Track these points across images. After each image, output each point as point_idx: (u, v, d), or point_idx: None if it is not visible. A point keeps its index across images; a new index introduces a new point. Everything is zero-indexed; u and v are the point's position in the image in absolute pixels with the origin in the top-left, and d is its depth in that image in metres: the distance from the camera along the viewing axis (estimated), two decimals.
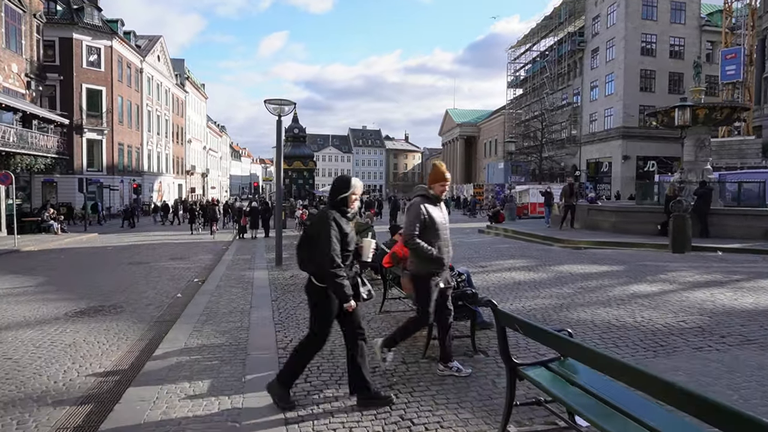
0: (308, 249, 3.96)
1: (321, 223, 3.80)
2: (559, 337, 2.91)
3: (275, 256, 12.02)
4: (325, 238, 3.71)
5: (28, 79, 25.56)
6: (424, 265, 4.39)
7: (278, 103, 11.36)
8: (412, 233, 4.32)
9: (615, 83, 45.33)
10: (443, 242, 4.42)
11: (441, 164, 4.52)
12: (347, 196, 3.92)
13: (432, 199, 4.47)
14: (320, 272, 3.78)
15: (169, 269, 12.37)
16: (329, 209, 3.90)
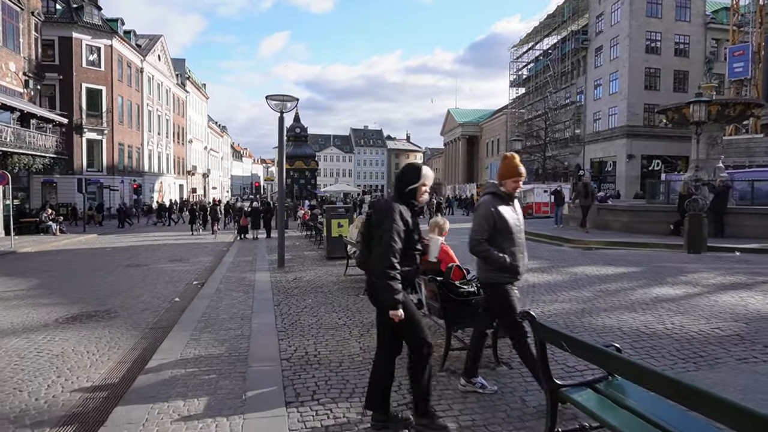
0: (370, 245, 3.46)
1: (384, 214, 3.29)
2: (608, 354, 2.49)
3: (277, 257, 11.61)
4: (385, 232, 3.22)
5: (26, 78, 25.16)
6: (495, 274, 3.82)
7: (280, 99, 10.95)
8: (480, 238, 3.76)
9: (619, 82, 44.86)
10: (518, 248, 3.86)
11: (514, 156, 3.93)
12: (416, 188, 3.40)
13: (504, 198, 3.89)
14: None
15: (168, 271, 11.95)
16: (395, 200, 3.38)
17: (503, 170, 3.91)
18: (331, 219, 12.50)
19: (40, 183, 37.65)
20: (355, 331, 5.85)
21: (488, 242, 3.75)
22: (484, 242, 3.75)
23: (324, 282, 9.20)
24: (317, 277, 9.84)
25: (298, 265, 11.77)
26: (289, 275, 10.14)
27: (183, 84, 61.61)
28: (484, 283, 3.98)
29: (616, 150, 45.39)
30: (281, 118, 11.08)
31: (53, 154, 24.76)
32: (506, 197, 3.90)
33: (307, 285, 8.93)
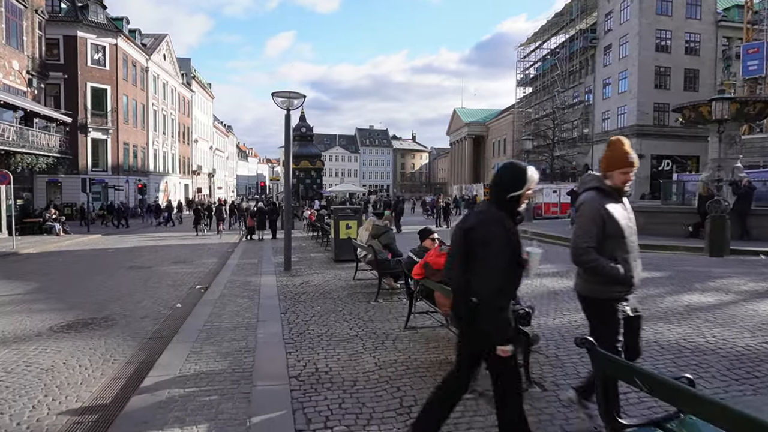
0: (468, 263, 2.80)
1: (490, 231, 2.70)
2: (682, 390, 2.05)
3: (284, 259, 11.18)
4: (493, 254, 2.66)
5: (30, 77, 24.88)
6: (604, 287, 3.09)
7: (287, 96, 10.53)
8: (587, 246, 3.00)
9: (629, 80, 44.27)
10: (631, 254, 3.14)
11: (622, 142, 3.16)
12: (521, 195, 2.81)
13: (611, 194, 3.12)
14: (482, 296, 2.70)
15: (171, 274, 11.56)
16: (497, 209, 2.79)
17: (609, 159, 3.18)
18: (339, 220, 12.08)
19: (45, 183, 37.47)
20: (368, 343, 5.42)
21: (597, 250, 3.03)
22: (592, 250, 3.01)
23: (333, 287, 8.77)
24: (325, 281, 9.41)
25: (305, 268, 11.35)
26: (296, 279, 9.72)
27: (188, 83, 61.40)
28: (586, 297, 3.24)
29: None
30: (288, 115, 10.66)
31: (57, 154, 24.46)
32: (614, 193, 3.15)
33: (315, 290, 8.50)
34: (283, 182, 47.80)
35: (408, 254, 5.59)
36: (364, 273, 9.38)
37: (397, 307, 6.98)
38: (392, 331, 5.80)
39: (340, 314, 6.75)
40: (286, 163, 10.60)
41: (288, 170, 10.59)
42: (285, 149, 10.55)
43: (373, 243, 7.50)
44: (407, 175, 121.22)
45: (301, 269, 11.10)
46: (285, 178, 10.57)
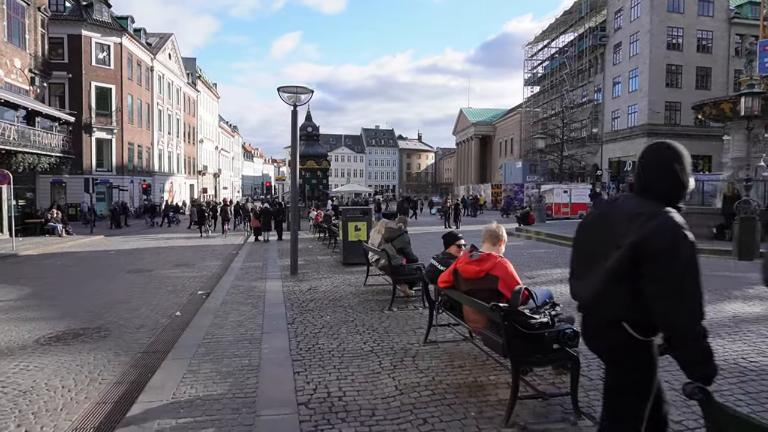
0: (629, 283, 2.18)
1: (674, 243, 2.08)
2: None
3: (290, 263, 10.62)
4: (688, 274, 2.06)
5: (32, 75, 24.47)
6: None
7: (293, 91, 9.97)
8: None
9: (639, 79, 43.56)
10: None
11: None
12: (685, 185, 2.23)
13: None
14: (663, 322, 2.13)
15: (172, 278, 11.03)
16: (669, 210, 2.16)
17: None
18: (348, 222, 11.50)
19: (49, 183, 37.15)
20: (385, 360, 4.84)
21: None
22: None
23: (342, 293, 8.20)
24: (334, 287, 8.85)
25: (312, 272, 10.79)
26: (303, 284, 9.17)
27: (194, 83, 61.07)
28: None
29: (636, 149, 43.99)
30: (294, 111, 10.11)
31: (60, 154, 24.03)
32: None
33: (323, 297, 7.94)
34: (289, 182, 47.15)
35: (431, 261, 4.99)
36: (376, 278, 8.82)
37: (414, 318, 6.42)
38: (411, 346, 5.23)
39: (352, 325, 6.18)
40: (292, 161, 10.05)
41: (294, 168, 10.03)
42: (292, 147, 10.01)
43: (387, 247, 6.92)
44: (413, 176, 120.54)
45: (308, 273, 10.55)
46: (292, 176, 10.02)
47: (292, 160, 9.91)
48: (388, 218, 8.98)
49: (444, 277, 4.16)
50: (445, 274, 4.15)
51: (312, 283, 9.35)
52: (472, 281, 3.74)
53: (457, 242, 4.71)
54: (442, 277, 4.19)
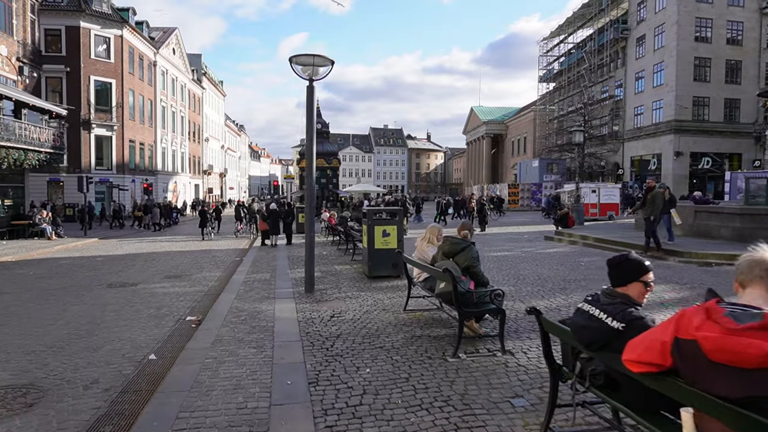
0: None
1: None
2: None
3: (305, 276, 8.53)
4: None
5: (21, 65, 22.56)
6: None
7: (309, 62, 7.90)
8: None
9: (665, 73, 41.27)
10: None
11: None
12: None
13: None
14: None
15: (158, 296, 8.99)
16: None
17: None
18: (374, 226, 9.40)
19: (46, 181, 35.38)
20: None
21: None
22: None
23: (378, 324, 6.12)
24: (364, 313, 6.76)
25: (331, 287, 8.72)
26: (322, 307, 7.09)
27: (199, 80, 59.23)
28: None
29: (661, 147, 41.82)
30: (311, 87, 8.04)
31: (50, 149, 22.09)
32: None
33: (353, 329, 5.86)
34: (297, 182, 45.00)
35: (582, 306, 2.67)
36: (419, 301, 6.76)
37: (496, 372, 4.32)
38: None
39: (407, 387, 4.08)
40: (307, 149, 7.98)
41: (310, 157, 7.95)
42: (307, 132, 7.93)
43: (448, 265, 4.83)
44: (422, 176, 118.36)
45: (328, 290, 8.47)
46: (307, 169, 7.93)
47: (307, 148, 7.84)
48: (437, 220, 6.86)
49: (645, 354, 2.00)
50: (649, 350, 1.98)
51: (334, 305, 7.27)
52: (752, 376, 1.65)
53: (645, 277, 2.46)
54: (639, 354, 2.02)
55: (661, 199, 12.23)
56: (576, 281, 8.98)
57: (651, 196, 12.23)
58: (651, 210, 12.06)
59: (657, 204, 12.02)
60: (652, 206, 12.02)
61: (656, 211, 12.02)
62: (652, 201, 12.11)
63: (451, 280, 4.56)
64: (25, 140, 20.31)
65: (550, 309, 6.62)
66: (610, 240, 14.01)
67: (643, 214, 12.62)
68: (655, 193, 12.21)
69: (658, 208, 12.07)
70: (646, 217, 12.24)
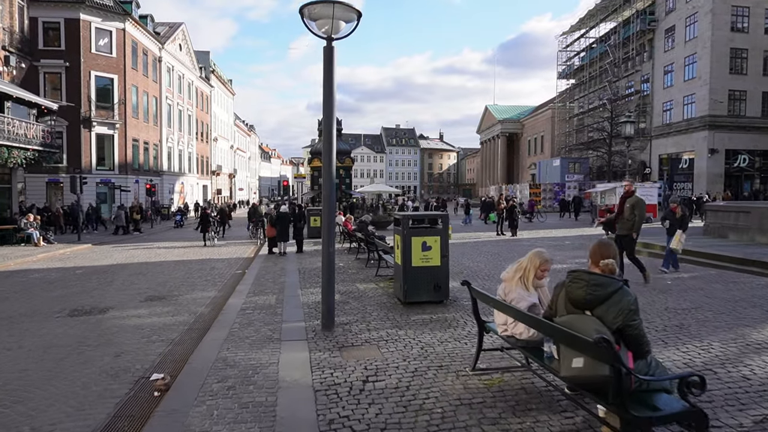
0: None
1: None
2: None
3: (322, 307, 6.28)
4: None
5: (7, 54, 20.62)
6: None
7: (328, 14, 5.69)
8: None
9: (698, 65, 38.71)
10: None
11: None
12: None
13: None
14: None
15: (126, 331, 6.81)
16: None
17: None
18: (411, 237, 7.18)
19: (44, 182, 33.59)
20: None
21: None
22: None
23: (438, 397, 3.90)
24: (412, 371, 4.52)
25: (356, 320, 6.52)
26: (348, 361, 4.88)
27: (207, 78, 57.34)
28: None
29: (694, 144, 39.24)
30: (329, 48, 5.84)
31: (38, 147, 20.12)
32: None
33: (402, 412, 3.67)
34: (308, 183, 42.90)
35: None
36: (495, 358, 4.54)
37: None
38: None
39: None
40: (324, 131, 5.77)
41: (329, 143, 5.73)
42: (324, 108, 5.71)
43: (592, 324, 2.60)
44: (435, 176, 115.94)
45: (351, 325, 6.27)
46: (325, 157, 5.69)
47: (324, 130, 5.63)
48: None
49: None
50: None
51: (365, 354, 5.06)
52: None
53: None
54: None
55: (643, 208, 8.93)
56: (694, 313, 6.68)
57: (630, 204, 8.92)
58: (631, 224, 8.80)
59: (639, 215, 8.77)
60: (633, 218, 8.78)
61: (638, 225, 8.80)
62: (632, 211, 8.83)
63: (612, 358, 2.34)
64: (9, 136, 18.35)
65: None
66: (708, 253, 11.51)
67: (618, 230, 9.14)
68: (637, 201, 8.92)
69: (641, 220, 8.83)
70: (623, 235, 8.90)
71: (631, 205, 8.87)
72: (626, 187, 9.50)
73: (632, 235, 8.82)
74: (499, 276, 4.09)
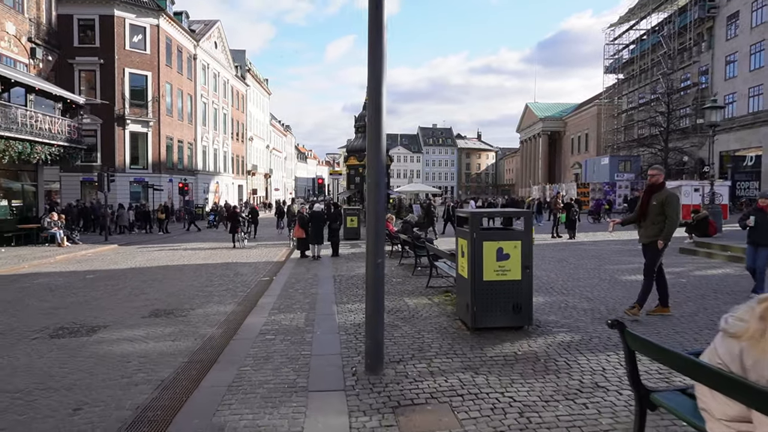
0: None
1: None
2: None
3: (367, 336, 4.55)
4: None
5: (33, 46, 19.75)
6: None
7: None
8: None
9: (765, 54, 35.45)
10: None
11: None
12: None
13: None
14: None
15: (106, 364, 5.19)
16: None
17: None
18: (483, 241, 5.39)
19: (79, 181, 33.18)
20: None
21: None
22: None
23: None
24: None
25: (412, 355, 4.78)
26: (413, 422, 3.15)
27: (243, 77, 56.66)
28: None
29: (760, 139, 35.96)
30: None
31: (64, 142, 19.16)
32: None
33: None
34: (344, 182, 41.62)
35: None
36: None
37: None
38: None
39: None
40: (370, 90, 4.02)
41: (378, 114, 4.01)
42: (370, 48, 3.99)
43: None
44: (472, 176, 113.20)
45: (406, 364, 4.53)
46: (369, 133, 3.95)
47: (370, 92, 3.85)
48: None
49: None
50: None
51: (433, 422, 3.31)
52: None
53: None
54: None
55: (677, 207, 6.29)
56: None
57: (659, 200, 6.30)
58: (658, 228, 6.29)
59: (672, 216, 6.22)
60: (662, 221, 6.28)
61: (669, 231, 6.22)
62: (660, 210, 6.27)
63: None
64: (31, 131, 17.38)
65: None
66: None
67: (640, 236, 6.66)
68: (668, 197, 6.29)
69: (674, 224, 6.23)
70: (646, 243, 6.50)
71: (659, 203, 6.24)
72: (652, 177, 6.57)
73: (658, 244, 6.25)
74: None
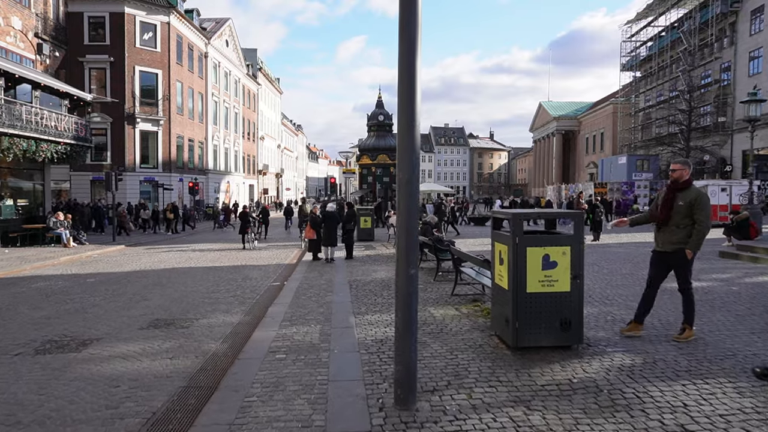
0: None
1: None
2: None
3: (396, 362, 3.84)
4: None
5: (39, 42, 19.27)
6: None
7: None
8: None
9: None
10: None
11: None
12: None
13: None
14: None
15: (88, 390, 4.51)
16: None
17: None
18: (526, 247, 4.65)
19: (89, 180, 32.82)
20: None
21: None
22: None
23: None
24: None
25: (447, 383, 4.05)
26: None
27: (254, 75, 56.20)
28: None
29: None
30: None
31: (70, 140, 18.66)
32: None
33: None
34: (356, 182, 40.82)
35: None
36: None
37: None
38: None
39: None
40: (402, 66, 3.29)
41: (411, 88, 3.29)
42: (401, 41, 3.27)
43: None
44: (485, 176, 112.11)
45: (442, 395, 3.80)
46: (399, 99, 3.22)
47: (401, 69, 3.10)
48: None
49: None
50: None
51: None
52: None
53: None
54: None
55: (707, 208, 5.27)
56: None
57: (687, 201, 5.26)
58: (686, 233, 5.27)
59: (702, 220, 5.22)
60: (689, 225, 5.29)
61: (698, 237, 5.22)
62: (688, 212, 5.26)
63: None
64: (36, 128, 16.87)
65: None
66: None
67: (661, 243, 5.53)
68: (697, 197, 5.26)
69: (705, 228, 5.26)
70: (671, 252, 5.39)
71: (687, 204, 5.25)
72: (674, 172, 5.50)
73: (687, 253, 5.26)
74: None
